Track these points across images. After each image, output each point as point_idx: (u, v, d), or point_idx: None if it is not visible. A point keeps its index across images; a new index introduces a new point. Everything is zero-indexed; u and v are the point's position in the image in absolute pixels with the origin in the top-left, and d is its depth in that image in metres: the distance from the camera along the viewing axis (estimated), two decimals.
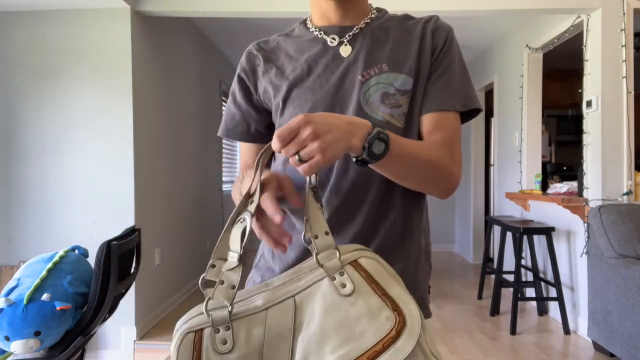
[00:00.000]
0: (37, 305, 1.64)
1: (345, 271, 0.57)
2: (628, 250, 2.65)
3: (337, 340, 0.53)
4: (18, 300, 1.64)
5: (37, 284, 1.69)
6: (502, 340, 3.15)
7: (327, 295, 0.56)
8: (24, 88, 2.94)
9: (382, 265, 0.59)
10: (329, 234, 0.60)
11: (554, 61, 4.53)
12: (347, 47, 0.82)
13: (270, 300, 0.57)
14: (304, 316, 0.56)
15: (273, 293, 0.58)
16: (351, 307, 0.55)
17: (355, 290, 0.56)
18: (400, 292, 0.56)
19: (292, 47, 0.87)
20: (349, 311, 0.55)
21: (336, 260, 0.58)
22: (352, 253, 0.59)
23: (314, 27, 0.87)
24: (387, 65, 0.80)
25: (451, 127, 0.80)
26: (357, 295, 0.55)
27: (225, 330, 0.55)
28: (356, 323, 0.54)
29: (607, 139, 2.99)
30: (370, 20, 0.85)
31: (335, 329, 0.54)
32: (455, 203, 6.35)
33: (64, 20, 2.92)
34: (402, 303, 0.55)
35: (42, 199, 2.94)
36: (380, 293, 0.56)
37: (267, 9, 2.95)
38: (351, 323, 0.54)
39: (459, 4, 2.93)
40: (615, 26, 2.97)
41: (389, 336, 0.52)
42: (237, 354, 0.54)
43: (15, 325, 1.62)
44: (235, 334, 0.55)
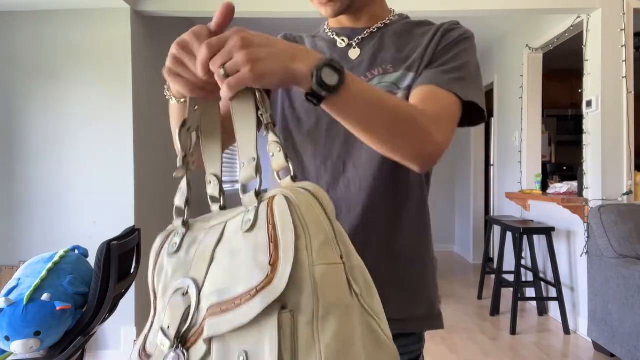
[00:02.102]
0: (37, 305, 1.64)
1: (258, 207, 0.49)
2: (628, 250, 2.65)
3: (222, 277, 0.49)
4: (18, 300, 1.64)
5: (37, 284, 1.69)
6: (502, 340, 3.15)
7: (236, 227, 0.51)
8: (24, 88, 2.94)
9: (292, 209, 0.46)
10: (255, 159, 0.52)
11: (554, 61, 4.53)
12: (355, 49, 0.82)
13: (215, 223, 0.56)
14: (222, 244, 0.53)
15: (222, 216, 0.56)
16: (245, 245, 0.48)
17: (255, 228, 0.48)
18: (289, 245, 0.45)
19: (309, 46, 0.87)
20: (241, 250, 0.49)
21: (251, 194, 0.51)
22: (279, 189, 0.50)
23: (328, 29, 0.87)
24: (392, 66, 0.79)
25: (444, 103, 0.72)
26: (254, 234, 0.48)
27: (180, 235, 0.58)
28: (240, 265, 0.48)
29: (607, 139, 2.99)
30: (383, 25, 0.84)
31: (225, 266, 0.50)
32: (455, 203, 6.35)
33: (64, 20, 2.92)
34: (282, 258, 0.45)
35: (42, 199, 2.94)
36: (271, 238, 0.46)
37: (268, 9, 2.95)
38: (237, 264, 0.48)
39: (459, 4, 2.93)
40: (615, 26, 2.97)
41: (249, 293, 0.45)
42: (176, 258, 0.57)
43: (15, 325, 1.62)
44: (183, 242, 0.57)
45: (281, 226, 0.46)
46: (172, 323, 0.52)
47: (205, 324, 0.48)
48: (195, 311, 0.51)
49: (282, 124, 0.83)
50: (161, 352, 0.52)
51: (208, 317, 0.48)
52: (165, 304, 0.55)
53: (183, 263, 0.56)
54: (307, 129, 0.80)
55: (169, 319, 0.52)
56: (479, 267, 5.04)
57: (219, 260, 0.52)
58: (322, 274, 0.45)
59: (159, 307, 0.57)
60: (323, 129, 0.79)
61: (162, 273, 0.58)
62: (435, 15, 2.93)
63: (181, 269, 0.56)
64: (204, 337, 0.48)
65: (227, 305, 0.46)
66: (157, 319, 0.57)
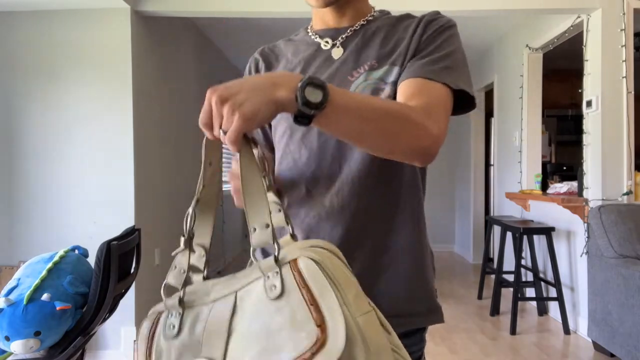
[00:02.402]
0: (37, 305, 1.64)
1: (280, 271, 0.50)
2: (628, 250, 2.65)
3: (257, 349, 0.49)
4: (18, 300, 1.64)
5: (37, 284, 1.69)
6: (502, 340, 3.15)
7: (260, 295, 0.51)
8: (24, 88, 2.94)
9: (322, 268, 0.48)
10: (270, 226, 0.53)
11: (554, 61, 4.53)
12: (339, 49, 0.83)
13: (219, 294, 0.55)
14: (239, 315, 0.52)
15: (224, 287, 0.55)
16: (277, 313, 0.48)
17: (285, 294, 0.48)
18: (333, 304, 0.46)
19: (290, 51, 0.88)
20: (273, 318, 0.48)
21: (270, 259, 0.51)
22: (295, 251, 0.50)
23: (312, 32, 0.88)
24: (377, 62, 0.79)
25: (435, 95, 0.71)
26: (286, 300, 0.48)
27: (177, 316, 0.56)
28: (277, 334, 0.48)
29: (607, 139, 2.99)
30: (366, 22, 0.85)
31: (257, 336, 0.49)
32: (455, 203, 6.35)
33: (64, 20, 2.92)
34: (329, 317, 0.46)
35: (42, 199, 2.94)
36: (309, 302, 0.47)
37: (268, 9, 2.95)
38: (272, 333, 0.48)
39: (459, 4, 2.93)
40: (615, 26, 2.97)
41: (304, 357, 0.45)
42: (180, 341, 0.54)
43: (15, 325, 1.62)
44: (183, 321, 0.55)
45: (317, 288, 0.47)
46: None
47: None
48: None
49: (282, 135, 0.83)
50: None
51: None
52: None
53: (189, 344, 0.54)
54: (300, 135, 0.80)
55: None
56: (479, 267, 5.04)
57: (240, 332, 0.51)
58: (364, 324, 0.47)
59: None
60: (315, 132, 0.78)
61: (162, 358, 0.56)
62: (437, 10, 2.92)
63: (188, 351, 0.54)
64: None
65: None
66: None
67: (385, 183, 0.78)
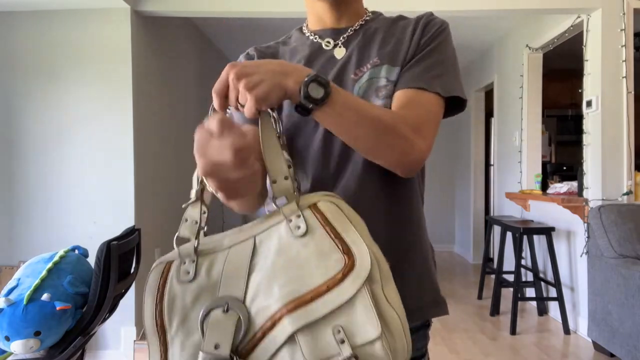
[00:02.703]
0: (37, 305, 1.64)
1: (302, 214, 0.58)
2: (628, 250, 2.65)
3: (285, 278, 0.55)
4: (18, 300, 1.64)
5: (37, 284, 1.69)
6: (502, 340, 3.15)
7: (282, 236, 0.57)
8: (24, 88, 2.94)
9: (341, 210, 0.58)
10: (289, 178, 0.60)
11: (554, 61, 4.53)
12: (341, 49, 0.83)
13: (234, 240, 0.60)
14: (260, 256, 0.58)
15: (239, 234, 0.61)
16: (303, 247, 0.56)
17: (309, 231, 0.56)
18: (354, 236, 0.56)
19: (287, 52, 0.88)
20: (300, 252, 0.56)
21: (293, 204, 0.58)
22: (312, 197, 0.59)
23: (309, 32, 0.88)
24: (379, 58, 0.80)
25: (427, 106, 0.75)
26: (310, 236, 0.56)
27: (191, 263, 0.60)
28: (306, 263, 0.55)
29: (607, 139, 2.99)
30: (364, 22, 0.86)
31: (284, 268, 0.55)
32: (455, 203, 6.35)
33: (64, 20, 2.92)
34: (354, 247, 0.55)
35: (42, 199, 2.94)
36: (333, 236, 0.56)
37: (267, 9, 2.96)
38: (301, 263, 0.55)
39: (459, 4, 2.93)
40: (615, 26, 2.97)
41: (336, 278, 0.53)
42: (196, 284, 0.58)
43: (15, 325, 1.62)
44: (199, 267, 0.59)
45: (339, 224, 0.56)
46: (223, 341, 0.55)
47: (286, 321, 0.54)
48: (247, 322, 0.55)
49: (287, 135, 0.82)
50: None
51: (287, 313, 0.54)
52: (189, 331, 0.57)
53: (207, 287, 0.58)
54: (307, 132, 0.80)
55: (216, 338, 0.55)
56: (479, 267, 5.04)
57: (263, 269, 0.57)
58: (375, 253, 0.57)
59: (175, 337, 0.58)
60: (321, 131, 0.79)
61: (176, 303, 0.58)
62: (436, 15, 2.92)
63: (206, 293, 0.58)
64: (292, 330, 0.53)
65: (310, 295, 0.54)
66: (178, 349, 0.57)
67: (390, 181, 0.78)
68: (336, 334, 0.53)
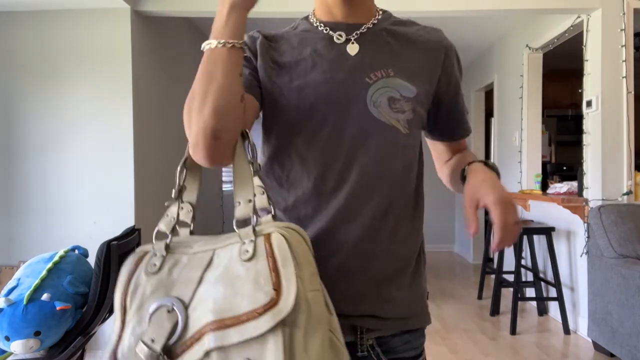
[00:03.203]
0: (37, 305, 1.64)
1: (255, 240, 0.59)
2: (628, 250, 2.65)
3: (221, 296, 0.56)
4: (18, 300, 1.64)
5: (37, 284, 1.69)
6: (502, 340, 3.15)
7: (233, 256, 0.59)
8: (24, 88, 2.94)
9: (289, 244, 0.57)
10: (252, 201, 0.62)
11: (554, 61, 4.52)
12: (354, 45, 0.80)
13: (200, 248, 0.63)
14: (213, 268, 0.60)
15: (206, 244, 0.63)
16: (245, 271, 0.57)
17: (254, 258, 0.57)
18: (291, 275, 0.55)
19: (295, 40, 0.83)
20: (241, 275, 0.57)
21: (250, 229, 0.60)
22: (271, 227, 0.60)
23: (318, 22, 0.83)
24: (393, 71, 0.78)
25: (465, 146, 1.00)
26: (254, 263, 0.57)
27: (160, 257, 0.64)
28: (241, 287, 0.56)
29: (607, 139, 2.99)
30: (377, 21, 0.83)
31: (224, 286, 0.57)
32: (455, 203, 6.34)
33: (64, 20, 2.92)
34: (285, 285, 0.55)
35: (43, 199, 2.94)
36: (272, 268, 0.56)
37: (267, 9, 2.96)
38: (238, 286, 0.56)
39: (459, 4, 2.93)
40: (615, 26, 2.97)
41: (256, 312, 0.54)
42: (157, 278, 0.62)
43: (15, 325, 1.62)
44: (164, 263, 0.63)
45: (281, 260, 0.56)
46: (158, 337, 0.58)
47: (206, 338, 0.55)
48: (183, 327, 0.58)
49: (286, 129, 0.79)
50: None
51: (210, 331, 0.55)
52: (141, 318, 0.61)
53: (165, 283, 0.62)
54: (310, 133, 0.77)
55: (153, 333, 0.59)
56: (479, 267, 5.04)
57: (210, 282, 0.59)
58: (312, 298, 0.57)
59: (131, 320, 0.62)
60: (326, 133, 0.77)
61: (138, 290, 0.63)
62: (436, 15, 2.92)
63: (162, 288, 0.62)
64: (207, 348, 0.55)
65: (232, 320, 0.55)
66: (130, 331, 0.61)
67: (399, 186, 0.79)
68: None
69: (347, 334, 0.74)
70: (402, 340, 0.79)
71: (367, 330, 0.77)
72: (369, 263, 0.76)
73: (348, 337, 0.75)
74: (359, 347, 0.77)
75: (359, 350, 0.76)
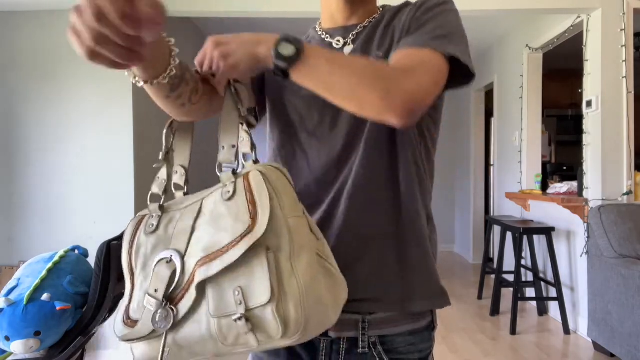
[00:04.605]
0: (37, 305, 1.64)
1: (235, 181, 0.62)
2: (628, 250, 2.65)
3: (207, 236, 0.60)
4: (18, 300, 1.64)
5: (37, 284, 1.69)
6: (502, 340, 3.15)
7: (217, 200, 0.62)
8: (25, 88, 2.94)
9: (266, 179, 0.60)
10: (235, 147, 0.65)
11: (554, 61, 4.53)
12: (350, 46, 0.84)
13: (189, 202, 0.67)
14: (202, 216, 0.64)
15: (194, 197, 0.67)
16: (226, 210, 0.60)
17: (234, 196, 0.60)
18: (265, 203, 0.58)
19: None
20: (222, 213, 0.60)
21: (229, 173, 0.63)
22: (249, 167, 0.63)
23: (321, 31, 0.88)
24: (383, 53, 0.80)
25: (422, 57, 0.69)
26: (234, 201, 0.60)
27: (156, 217, 0.69)
28: (224, 223, 0.59)
29: (607, 139, 2.99)
30: (373, 19, 0.86)
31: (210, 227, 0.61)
32: (455, 203, 6.35)
33: (64, 20, 2.92)
34: (261, 214, 0.58)
35: (43, 199, 2.94)
36: (249, 201, 0.59)
37: (268, 9, 2.95)
38: (220, 223, 0.60)
39: (459, 4, 2.91)
40: (615, 26, 2.97)
41: (235, 241, 0.57)
42: (156, 237, 0.67)
43: (15, 325, 1.62)
44: (160, 222, 0.68)
45: (257, 191, 0.59)
46: (160, 286, 0.62)
47: (196, 274, 0.59)
48: (180, 274, 0.61)
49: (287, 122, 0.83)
50: (149, 312, 0.62)
51: (198, 268, 0.59)
52: (147, 275, 0.65)
53: (163, 239, 0.66)
54: (311, 126, 0.81)
55: (156, 284, 0.62)
56: (479, 267, 5.05)
57: (200, 228, 0.62)
58: (294, 223, 0.60)
59: (138, 280, 0.66)
60: (327, 125, 0.79)
61: (141, 250, 0.67)
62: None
63: (161, 244, 0.66)
64: (196, 283, 0.59)
65: (215, 254, 0.58)
66: (138, 290, 0.66)
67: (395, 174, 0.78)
68: (235, 295, 0.57)
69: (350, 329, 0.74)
70: (406, 342, 0.78)
71: (369, 327, 0.76)
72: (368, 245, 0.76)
73: (350, 332, 0.75)
74: (360, 342, 0.76)
75: (360, 347, 0.76)
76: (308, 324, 0.57)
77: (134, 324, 0.64)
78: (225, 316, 0.58)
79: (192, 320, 0.60)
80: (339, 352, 0.76)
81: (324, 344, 0.77)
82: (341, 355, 0.76)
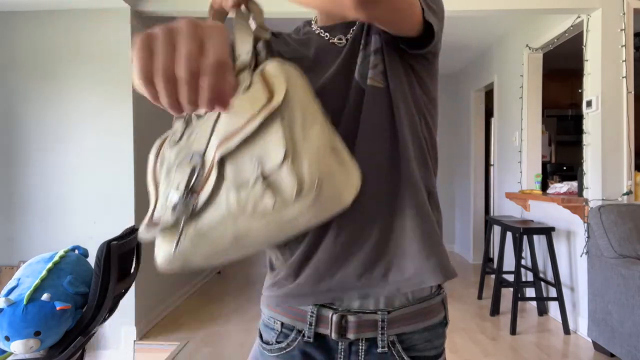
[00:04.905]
0: (37, 305, 1.64)
1: (253, 76, 0.65)
2: (628, 250, 2.65)
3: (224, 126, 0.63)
4: (18, 300, 1.64)
5: (37, 284, 1.69)
6: (502, 340, 3.15)
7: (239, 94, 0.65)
8: (25, 88, 2.94)
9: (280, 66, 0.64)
10: (250, 53, 0.68)
11: (554, 61, 4.53)
12: None
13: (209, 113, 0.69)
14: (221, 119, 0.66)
15: None
16: (243, 100, 0.63)
17: (252, 85, 0.64)
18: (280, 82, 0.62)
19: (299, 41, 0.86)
20: (240, 103, 0.63)
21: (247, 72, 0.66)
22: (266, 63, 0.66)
23: (319, 30, 0.86)
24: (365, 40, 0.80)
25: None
26: (252, 90, 0.63)
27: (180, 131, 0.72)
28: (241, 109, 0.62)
29: (607, 139, 2.99)
30: None
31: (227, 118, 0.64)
32: (455, 203, 6.35)
33: (64, 20, 2.92)
34: (277, 87, 0.61)
35: (43, 199, 2.94)
36: (265, 85, 0.63)
37: (267, 9, 2.95)
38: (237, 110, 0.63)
39: (459, 4, 2.93)
40: (615, 26, 2.97)
41: (253, 114, 0.60)
42: (177, 147, 0.70)
43: (15, 325, 1.62)
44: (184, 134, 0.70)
45: (273, 75, 0.63)
46: (181, 181, 0.65)
47: (216, 154, 0.62)
48: (200, 168, 0.64)
49: None
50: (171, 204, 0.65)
51: (217, 151, 0.62)
52: (170, 181, 0.68)
53: (185, 146, 0.69)
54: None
55: (177, 179, 0.65)
56: (479, 267, 5.04)
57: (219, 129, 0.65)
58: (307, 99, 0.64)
59: (161, 188, 0.69)
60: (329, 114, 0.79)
61: (165, 161, 0.70)
62: None
63: (183, 152, 0.69)
64: (216, 160, 0.62)
65: (234, 132, 0.61)
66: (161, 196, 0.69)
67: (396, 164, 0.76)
68: (254, 162, 0.60)
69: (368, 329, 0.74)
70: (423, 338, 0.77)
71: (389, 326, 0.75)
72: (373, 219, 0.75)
73: (369, 332, 0.74)
74: (379, 342, 0.75)
75: (379, 346, 0.75)
76: (322, 186, 0.59)
77: (157, 225, 0.66)
78: (243, 186, 0.60)
79: (212, 206, 0.63)
80: (357, 353, 0.75)
81: (342, 346, 0.76)
82: (360, 356, 0.75)
